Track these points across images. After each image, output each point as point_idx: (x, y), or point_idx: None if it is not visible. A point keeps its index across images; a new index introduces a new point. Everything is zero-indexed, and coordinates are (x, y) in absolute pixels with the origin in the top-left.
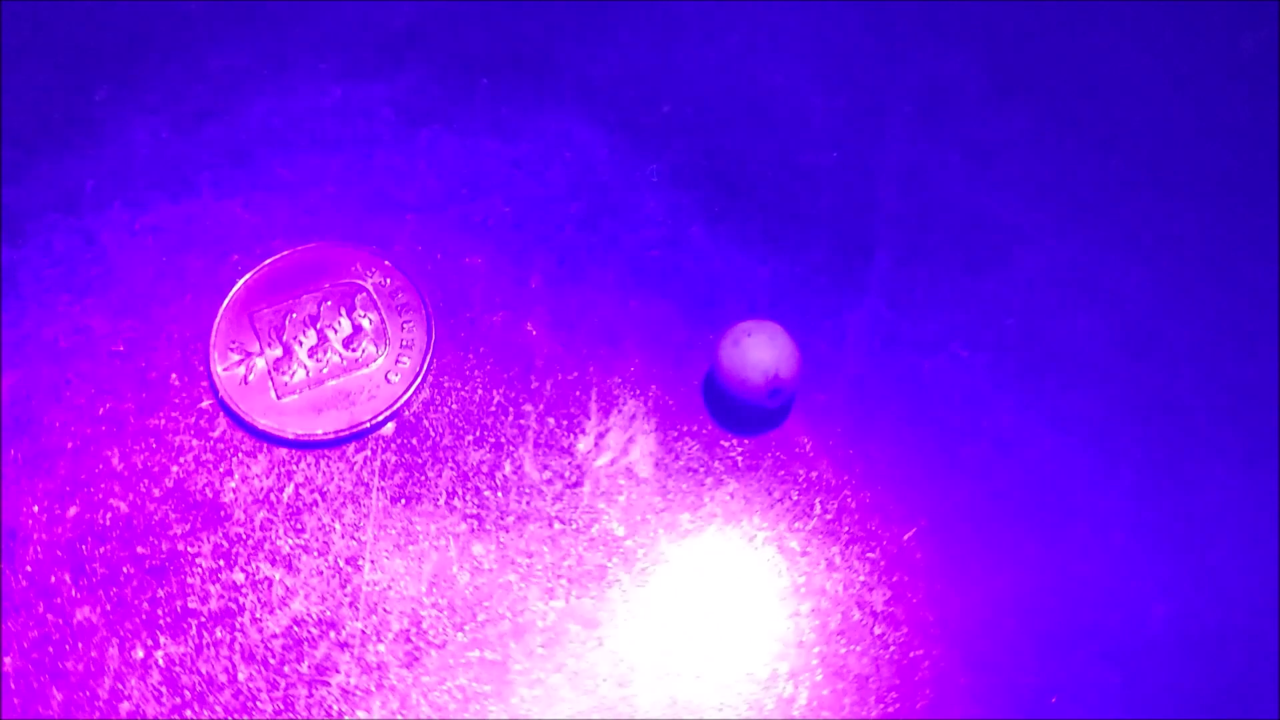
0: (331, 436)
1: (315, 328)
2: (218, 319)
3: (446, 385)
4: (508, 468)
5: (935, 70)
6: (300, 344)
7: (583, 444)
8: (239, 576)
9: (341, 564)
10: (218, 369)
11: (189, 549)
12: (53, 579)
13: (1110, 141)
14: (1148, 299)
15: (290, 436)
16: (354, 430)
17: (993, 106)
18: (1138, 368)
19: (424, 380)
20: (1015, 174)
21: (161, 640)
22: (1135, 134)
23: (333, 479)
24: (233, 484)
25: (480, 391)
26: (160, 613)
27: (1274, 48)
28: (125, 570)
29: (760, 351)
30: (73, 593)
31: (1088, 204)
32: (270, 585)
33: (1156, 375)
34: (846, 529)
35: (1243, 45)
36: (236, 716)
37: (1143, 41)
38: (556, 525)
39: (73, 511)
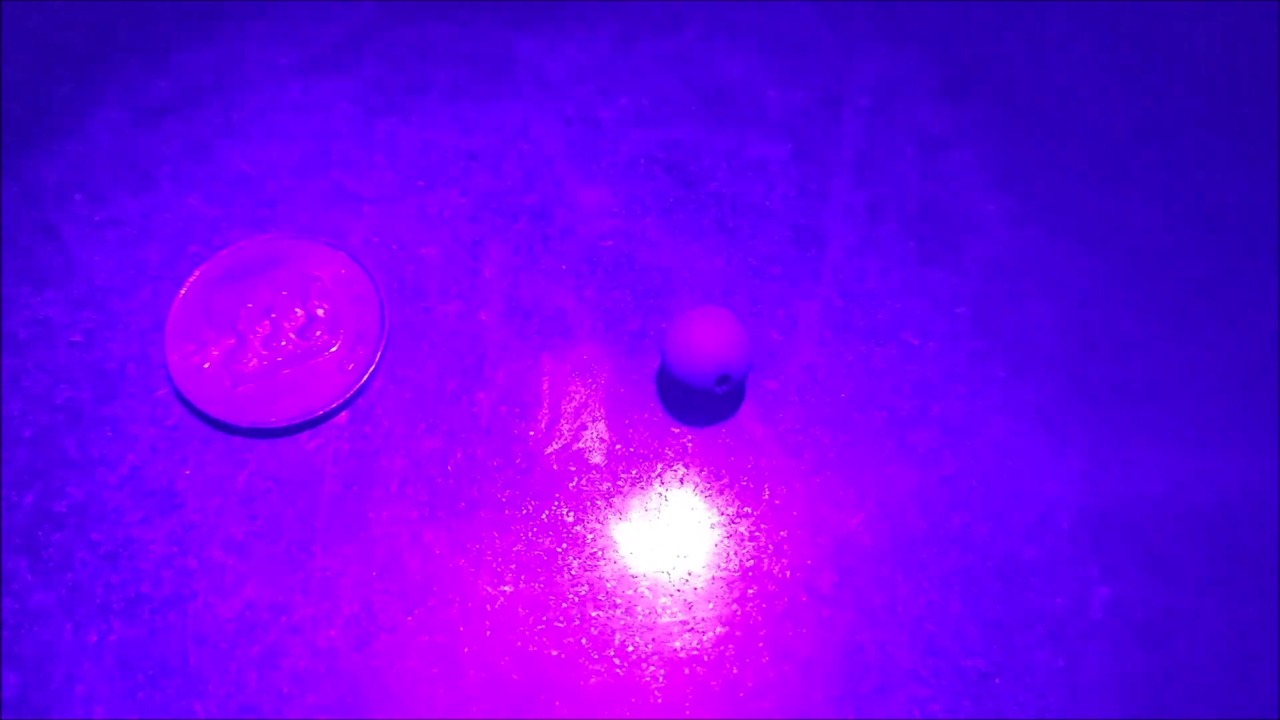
0: (285, 424)
1: (270, 317)
2: (173, 309)
3: (400, 374)
4: (459, 455)
5: (890, 63)
6: (255, 334)
7: (534, 431)
8: (192, 562)
9: (294, 550)
10: (174, 358)
11: (143, 535)
12: (9, 565)
13: (1062, 133)
14: (1097, 288)
15: (244, 425)
16: (307, 418)
17: (946, 99)
18: (1086, 355)
19: (377, 369)
20: (968, 165)
21: (115, 625)
22: (1086, 126)
23: (286, 466)
24: (187, 471)
25: (433, 380)
26: (114, 598)
27: (1224, 41)
28: (80, 556)
29: (708, 338)
30: (28, 578)
31: (1039, 195)
32: (223, 570)
33: (1105, 363)
34: (794, 514)
35: (1194, 39)
36: (187, 699)
37: (1094, 35)
38: (507, 511)
39: (30, 499)
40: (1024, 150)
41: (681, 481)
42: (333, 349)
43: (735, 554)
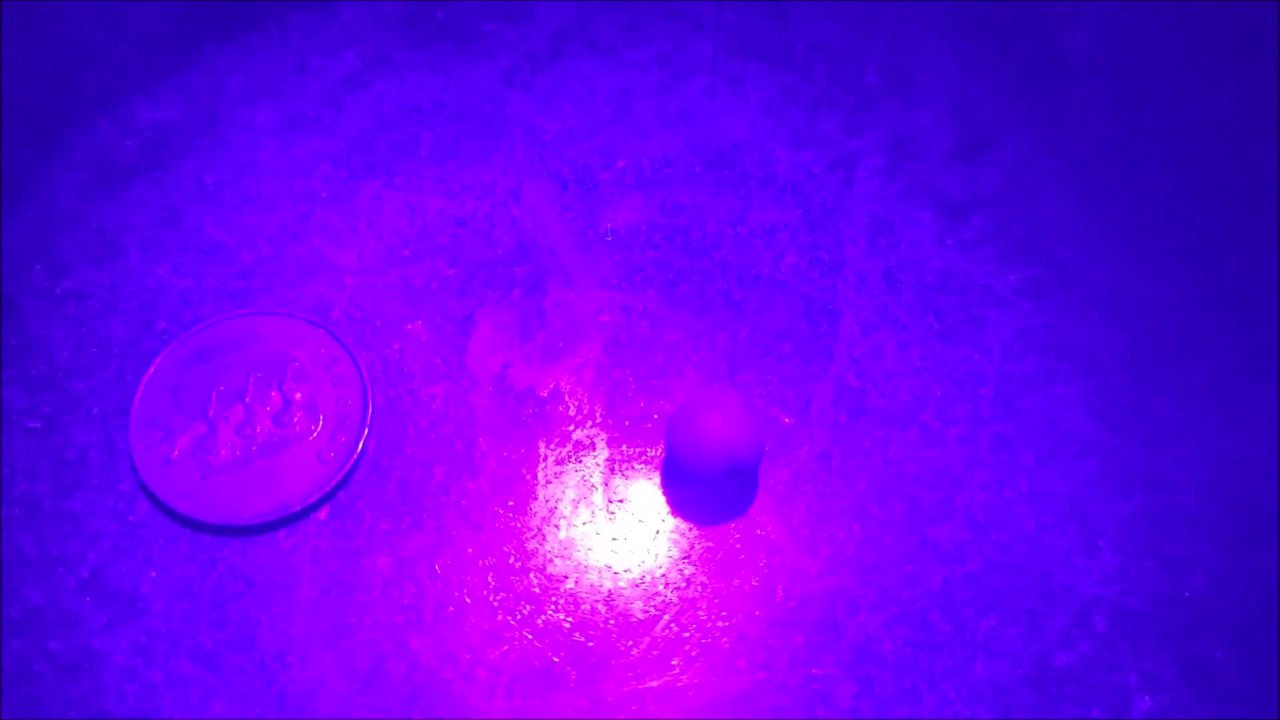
0: (259, 522)
1: (243, 402)
2: (139, 393)
3: (384, 464)
4: (448, 554)
5: (905, 122)
6: (227, 420)
7: (528, 527)
8: (157, 675)
9: (268, 661)
10: (139, 447)
11: (105, 645)
12: None
13: (1087, 199)
14: (1128, 367)
15: (215, 522)
16: (284, 515)
17: (964, 161)
18: (1118, 440)
19: (359, 459)
20: (988, 232)
21: None
22: (1112, 191)
23: (260, 567)
24: (153, 573)
25: (420, 470)
26: (73, 715)
27: (1249, 104)
28: (37, 668)
29: (717, 428)
30: None
31: (1063, 264)
32: (190, 685)
33: (1138, 449)
34: (810, 617)
35: (1219, 100)
36: None
37: (1119, 95)
38: (500, 616)
39: None
40: (1047, 216)
41: (688, 583)
42: (311, 436)
43: (746, 663)
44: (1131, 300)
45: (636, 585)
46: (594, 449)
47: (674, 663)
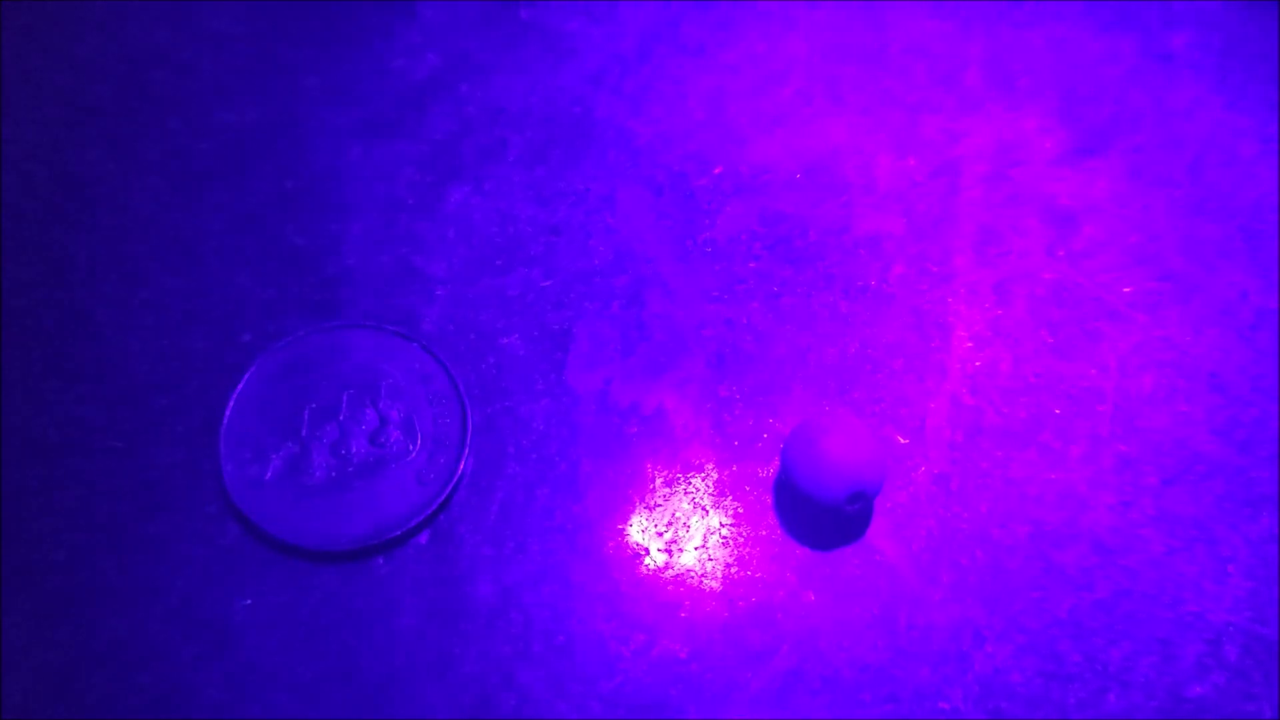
0: (357, 546)
1: (337, 420)
2: (228, 410)
3: (484, 486)
4: (555, 581)
5: (1009, 126)
6: (320, 439)
7: (637, 551)
8: (253, 709)
9: (369, 693)
10: (229, 468)
11: (196, 678)
12: (44, 711)
13: (1200, 205)
14: (1250, 383)
15: (311, 546)
16: (382, 539)
17: (1071, 166)
18: (1244, 460)
19: (459, 480)
20: (1099, 241)
21: None
22: (1225, 197)
23: (359, 595)
24: (246, 601)
25: (522, 493)
26: None
27: None
28: (127, 702)
29: (841, 452)
30: None
31: (1178, 275)
32: None
33: (1265, 468)
34: (934, 647)
35: None
36: None
37: (1229, 97)
38: (612, 646)
39: (65, 634)
40: (1160, 223)
41: (806, 611)
42: (409, 456)
43: (871, 695)
44: (1250, 312)
45: (753, 613)
46: (703, 470)
47: (794, 695)
